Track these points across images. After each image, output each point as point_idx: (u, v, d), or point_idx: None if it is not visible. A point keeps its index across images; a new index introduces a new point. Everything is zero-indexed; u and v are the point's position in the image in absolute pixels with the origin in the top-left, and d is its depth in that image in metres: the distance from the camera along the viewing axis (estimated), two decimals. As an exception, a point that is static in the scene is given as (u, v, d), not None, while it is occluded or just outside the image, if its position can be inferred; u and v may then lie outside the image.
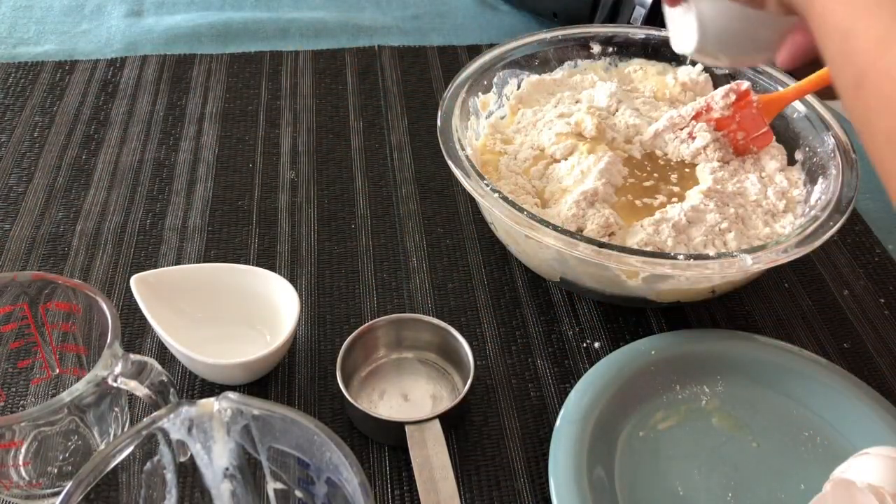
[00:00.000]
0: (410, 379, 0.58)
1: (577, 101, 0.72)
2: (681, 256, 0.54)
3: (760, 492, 0.52)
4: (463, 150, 0.62)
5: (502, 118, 0.73)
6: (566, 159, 0.66)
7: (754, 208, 0.63)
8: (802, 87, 0.68)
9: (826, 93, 0.69)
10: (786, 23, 0.48)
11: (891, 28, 0.33)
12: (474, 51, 0.92)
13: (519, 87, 0.74)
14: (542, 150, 0.68)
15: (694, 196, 0.63)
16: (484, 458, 0.55)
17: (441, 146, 0.62)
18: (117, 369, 0.46)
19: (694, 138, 0.68)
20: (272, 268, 0.64)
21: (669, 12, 0.54)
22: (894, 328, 0.65)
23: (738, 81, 0.69)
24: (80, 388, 0.44)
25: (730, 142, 0.68)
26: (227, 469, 0.43)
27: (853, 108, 0.35)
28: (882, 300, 0.67)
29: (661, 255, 0.55)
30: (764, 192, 0.65)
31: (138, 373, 0.46)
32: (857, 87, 0.35)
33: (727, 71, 0.75)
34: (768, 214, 0.63)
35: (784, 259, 0.55)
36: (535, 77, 0.74)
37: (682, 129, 0.68)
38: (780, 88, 0.70)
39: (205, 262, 0.67)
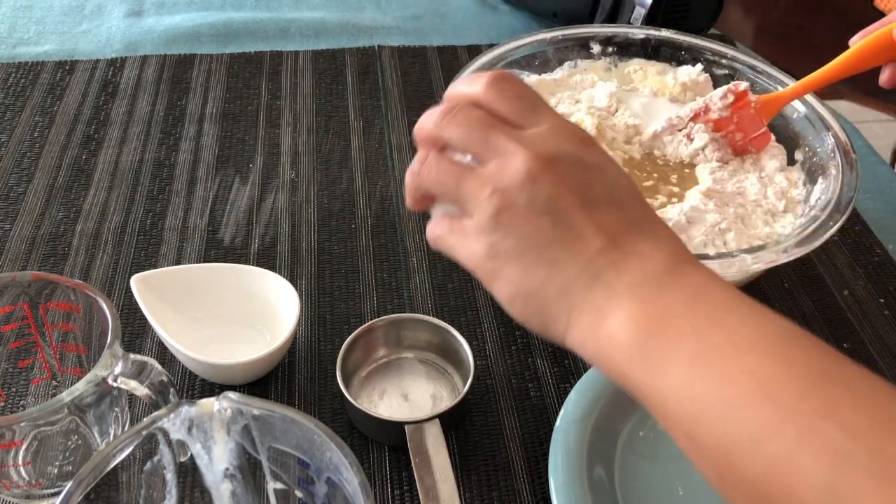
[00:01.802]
0: (410, 379, 0.58)
1: (576, 102, 0.72)
2: (681, 256, 0.54)
3: (760, 492, 0.52)
4: (463, 150, 0.62)
5: (502, 118, 0.73)
6: None
7: (754, 208, 0.63)
8: (800, 88, 0.68)
9: (825, 93, 0.69)
10: None
11: None
12: (474, 51, 0.92)
13: (519, 87, 0.74)
14: None
15: (694, 196, 0.63)
16: (484, 458, 0.55)
17: (441, 146, 0.62)
18: (117, 369, 0.46)
19: (692, 140, 0.68)
20: (272, 268, 0.64)
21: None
22: (894, 328, 0.65)
23: (737, 82, 0.69)
24: (80, 388, 0.44)
25: (728, 142, 0.68)
26: (227, 469, 0.43)
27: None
28: (882, 300, 0.67)
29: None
30: (764, 192, 0.65)
31: (138, 373, 0.46)
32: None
33: (727, 71, 0.75)
34: (768, 214, 0.63)
35: (784, 259, 0.55)
36: (535, 77, 0.74)
37: (680, 131, 0.68)
38: (780, 88, 0.70)
39: (205, 262, 0.67)
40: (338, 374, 0.54)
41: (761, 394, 0.31)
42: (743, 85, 0.68)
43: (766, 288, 0.67)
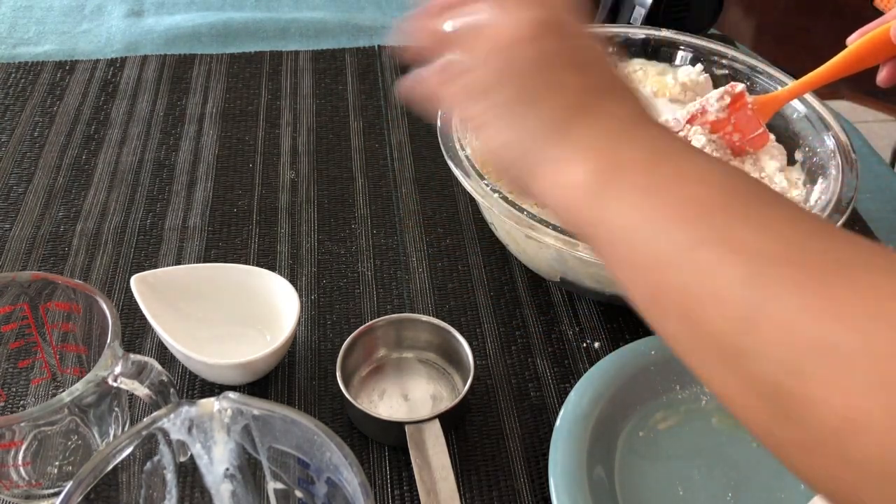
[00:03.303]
0: (410, 379, 0.58)
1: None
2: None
3: (760, 492, 0.52)
4: (463, 150, 0.62)
5: (502, 118, 0.73)
6: None
7: None
8: (798, 88, 0.68)
9: (825, 93, 0.69)
10: None
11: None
12: (474, 51, 0.92)
13: (519, 87, 0.74)
14: None
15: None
16: (484, 458, 0.55)
17: (441, 146, 0.62)
18: (117, 369, 0.46)
19: (690, 142, 0.68)
20: (272, 268, 0.64)
21: None
22: (894, 328, 0.64)
23: (733, 83, 0.69)
24: (80, 388, 0.44)
25: (726, 143, 0.68)
26: (227, 469, 0.43)
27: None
28: (882, 300, 0.67)
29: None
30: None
31: (138, 373, 0.46)
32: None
33: (727, 71, 0.75)
34: None
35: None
36: (535, 77, 0.74)
37: (678, 133, 0.68)
38: (780, 88, 0.70)
39: (205, 262, 0.67)
40: (338, 374, 0.54)
41: (696, 213, 0.33)
42: (739, 86, 0.68)
43: (766, 288, 0.67)
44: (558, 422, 0.53)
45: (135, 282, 0.57)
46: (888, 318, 0.27)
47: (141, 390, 0.46)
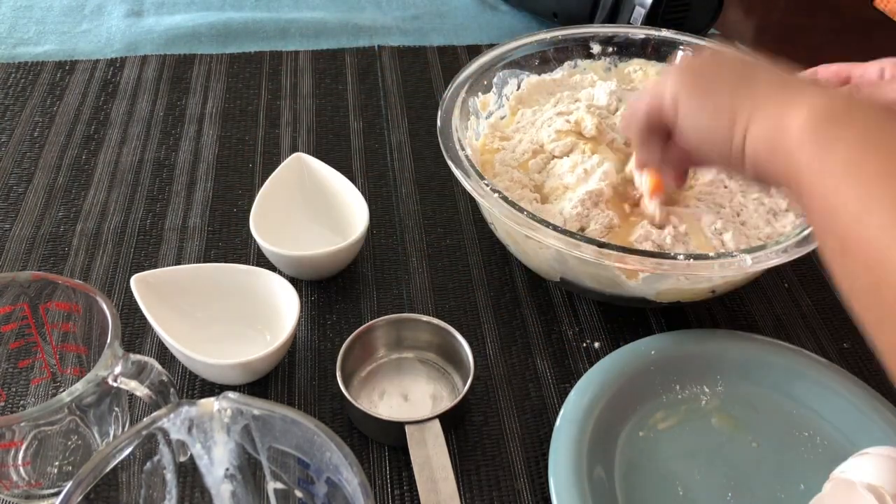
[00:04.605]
0: (410, 379, 0.58)
1: (576, 101, 0.72)
2: (681, 256, 0.54)
3: (760, 492, 0.52)
4: (463, 150, 0.62)
5: (502, 118, 0.73)
6: (567, 156, 0.66)
7: (756, 206, 0.63)
8: None
9: None
10: None
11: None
12: (474, 51, 0.92)
13: (519, 87, 0.74)
14: (541, 145, 0.67)
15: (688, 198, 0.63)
16: (484, 458, 0.55)
17: (441, 146, 0.62)
18: (117, 369, 0.46)
19: None
20: (272, 268, 0.64)
21: None
22: (894, 328, 0.64)
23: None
24: (80, 388, 0.44)
25: None
26: (227, 469, 0.43)
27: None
28: (882, 300, 0.67)
29: (661, 255, 0.55)
30: (768, 190, 0.64)
31: (138, 373, 0.46)
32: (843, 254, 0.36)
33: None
34: (770, 213, 0.63)
35: (784, 259, 0.55)
36: (535, 77, 0.74)
37: None
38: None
39: (205, 262, 0.67)
40: (338, 374, 0.54)
41: None
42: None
43: (767, 288, 0.67)
44: (558, 422, 0.53)
45: (135, 282, 0.57)
46: None
47: (141, 390, 0.46)
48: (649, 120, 0.51)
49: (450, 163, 0.61)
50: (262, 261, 0.67)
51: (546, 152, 0.67)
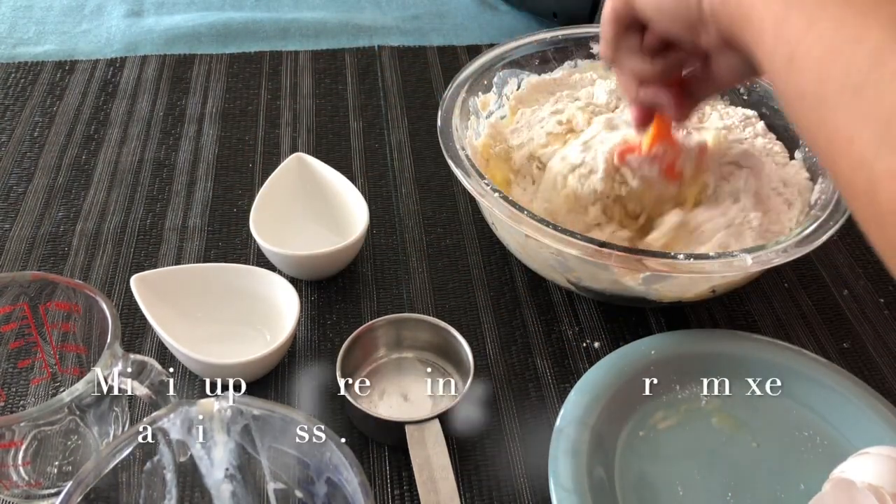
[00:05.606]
0: (410, 379, 0.58)
1: (575, 99, 0.72)
2: (681, 256, 0.54)
3: (760, 492, 0.52)
4: (463, 150, 0.62)
5: (502, 118, 0.73)
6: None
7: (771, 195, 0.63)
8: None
9: None
10: None
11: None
12: (474, 51, 0.92)
13: (519, 87, 0.74)
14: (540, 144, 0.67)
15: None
16: (484, 458, 0.55)
17: (441, 146, 0.62)
18: (117, 369, 0.46)
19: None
20: (272, 268, 0.64)
21: None
22: (894, 328, 0.65)
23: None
24: (80, 388, 0.44)
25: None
26: (227, 469, 0.43)
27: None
28: (882, 300, 0.67)
29: (660, 254, 0.55)
30: (782, 182, 0.64)
31: (138, 373, 0.46)
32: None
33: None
34: (785, 204, 0.63)
35: (784, 259, 0.55)
36: (534, 77, 0.74)
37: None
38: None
39: (205, 262, 0.67)
40: (338, 374, 0.54)
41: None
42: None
43: (767, 288, 0.67)
44: (558, 422, 0.53)
45: (135, 282, 0.57)
46: None
47: (141, 390, 0.46)
48: (616, 13, 0.52)
49: (450, 163, 0.61)
50: (262, 261, 0.67)
51: (536, 158, 0.67)
